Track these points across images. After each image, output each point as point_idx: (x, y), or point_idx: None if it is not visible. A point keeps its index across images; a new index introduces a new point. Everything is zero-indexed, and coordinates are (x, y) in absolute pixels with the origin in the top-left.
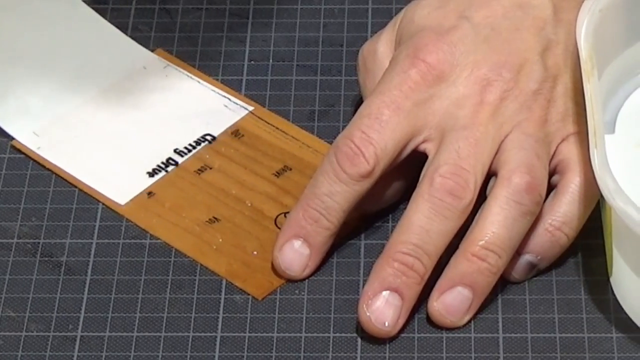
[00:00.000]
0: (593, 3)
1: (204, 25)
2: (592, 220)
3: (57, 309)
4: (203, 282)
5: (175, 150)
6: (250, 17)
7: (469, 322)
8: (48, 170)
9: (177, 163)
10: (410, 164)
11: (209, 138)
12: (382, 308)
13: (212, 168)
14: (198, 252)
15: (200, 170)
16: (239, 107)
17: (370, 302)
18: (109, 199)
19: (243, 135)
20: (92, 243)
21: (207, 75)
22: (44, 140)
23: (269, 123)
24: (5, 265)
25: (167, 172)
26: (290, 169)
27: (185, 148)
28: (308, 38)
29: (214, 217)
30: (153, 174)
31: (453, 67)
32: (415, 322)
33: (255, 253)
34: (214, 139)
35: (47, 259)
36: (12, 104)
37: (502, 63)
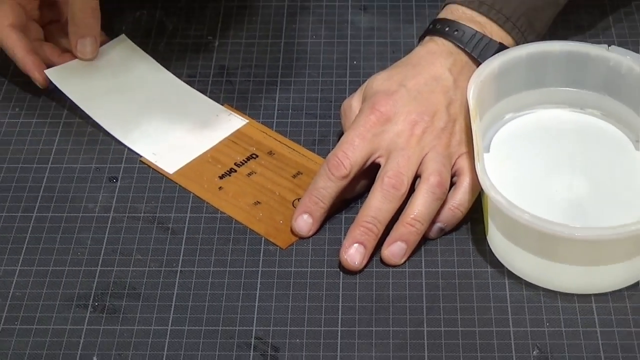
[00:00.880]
0: (477, 76)
1: (252, 90)
2: (476, 204)
3: (166, 254)
4: (250, 239)
5: (235, 164)
6: (278, 84)
7: (405, 262)
8: (161, 174)
9: (236, 170)
10: (370, 171)
11: (254, 156)
12: (353, 254)
13: (256, 173)
14: (248, 221)
15: (249, 174)
16: (272, 138)
17: (347, 250)
18: (198, 191)
19: (274, 154)
20: (186, 216)
21: (253, 119)
22: (159, 157)
23: (289, 146)
24: (136, 229)
25: (230, 176)
26: (302, 173)
27: (241, 162)
28: (312, 97)
29: (257, 201)
30: (222, 177)
31: (395, 114)
32: (373, 262)
33: (281, 222)
34: (258, 156)
35: (160, 225)
36: (137, 133)
37: (424, 112)
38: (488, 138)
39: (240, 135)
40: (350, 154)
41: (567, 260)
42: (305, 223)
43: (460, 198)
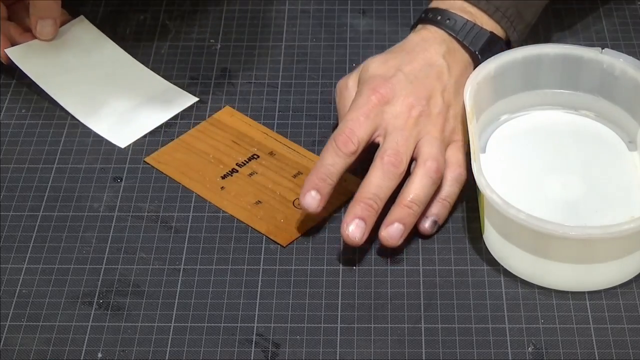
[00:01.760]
0: (474, 77)
1: (253, 92)
2: (473, 203)
3: (169, 253)
4: (252, 237)
5: (237, 164)
6: (279, 87)
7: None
8: (163, 175)
9: (237, 171)
10: (370, 149)
11: (256, 156)
12: (354, 229)
13: (257, 173)
14: (249, 220)
15: (251, 174)
16: (273, 139)
17: (348, 225)
18: (200, 191)
19: (275, 154)
20: (189, 215)
21: (254, 120)
22: (112, 132)
23: (290, 147)
24: (140, 228)
25: (231, 176)
26: (302, 174)
27: (243, 162)
28: (312, 99)
29: (259, 200)
30: (224, 177)
31: (394, 96)
32: (372, 261)
33: (282, 221)
34: (259, 157)
35: (163, 224)
36: (91, 109)
37: (420, 96)
38: (484, 139)
39: (242, 136)
40: (357, 131)
41: (561, 259)
42: (314, 200)
43: (448, 190)
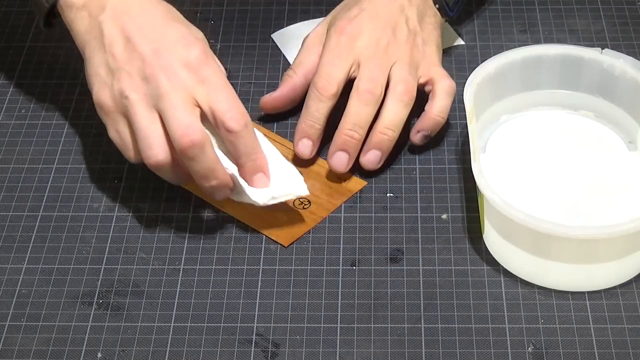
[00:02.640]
0: (473, 78)
1: (253, 92)
2: (473, 201)
3: (169, 253)
4: (252, 237)
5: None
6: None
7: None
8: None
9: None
10: (347, 87)
11: None
12: (338, 159)
13: None
14: (249, 220)
15: None
16: (273, 139)
17: (333, 155)
18: (200, 191)
19: None
20: (189, 215)
21: (254, 121)
22: None
23: (289, 148)
24: (140, 228)
25: None
26: (302, 174)
27: None
28: None
29: None
30: None
31: (361, 32)
32: (372, 261)
33: (282, 221)
34: None
35: (163, 224)
36: None
37: (385, 27)
38: (484, 139)
39: None
40: (333, 73)
41: (561, 259)
42: (306, 146)
43: (439, 105)
